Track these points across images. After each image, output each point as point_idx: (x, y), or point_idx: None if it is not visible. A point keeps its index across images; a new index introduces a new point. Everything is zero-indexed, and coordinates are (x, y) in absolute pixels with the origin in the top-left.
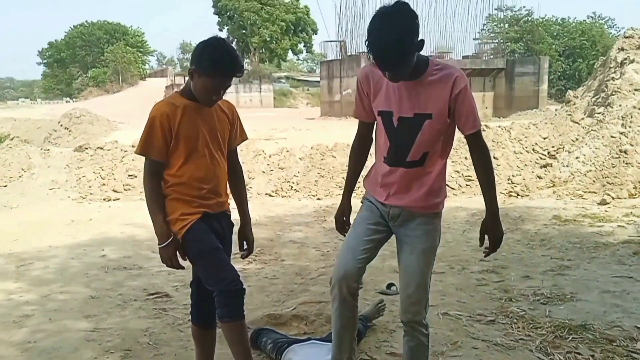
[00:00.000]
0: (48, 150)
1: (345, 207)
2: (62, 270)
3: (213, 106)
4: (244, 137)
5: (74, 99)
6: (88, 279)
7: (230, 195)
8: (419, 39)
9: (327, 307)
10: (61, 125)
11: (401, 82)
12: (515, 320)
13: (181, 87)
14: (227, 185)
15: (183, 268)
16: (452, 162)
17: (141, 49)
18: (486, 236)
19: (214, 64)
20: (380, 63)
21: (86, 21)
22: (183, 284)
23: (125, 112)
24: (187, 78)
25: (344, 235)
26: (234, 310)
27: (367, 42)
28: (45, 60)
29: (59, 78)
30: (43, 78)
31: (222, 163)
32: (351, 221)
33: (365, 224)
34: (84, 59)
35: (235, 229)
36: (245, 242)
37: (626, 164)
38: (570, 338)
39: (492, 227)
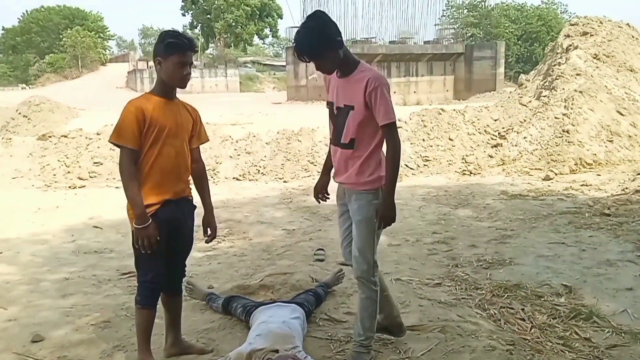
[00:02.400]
0: (10, 139)
1: (320, 181)
2: (34, 255)
3: (184, 87)
4: (204, 139)
5: (30, 86)
6: (60, 263)
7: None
8: (336, 40)
9: (291, 277)
10: (19, 113)
11: (338, 79)
12: (459, 283)
13: (143, 72)
14: (189, 175)
15: (156, 246)
16: (411, 144)
17: (101, 34)
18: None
19: (175, 41)
20: (298, 57)
21: (42, 6)
22: None
23: (86, 99)
24: (150, 63)
25: (318, 202)
26: (145, 300)
27: (293, 42)
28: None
29: (14, 64)
30: None
31: (185, 154)
32: (328, 192)
33: (339, 204)
34: (40, 45)
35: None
36: (209, 229)
37: (568, 142)
38: (505, 296)
39: (382, 208)
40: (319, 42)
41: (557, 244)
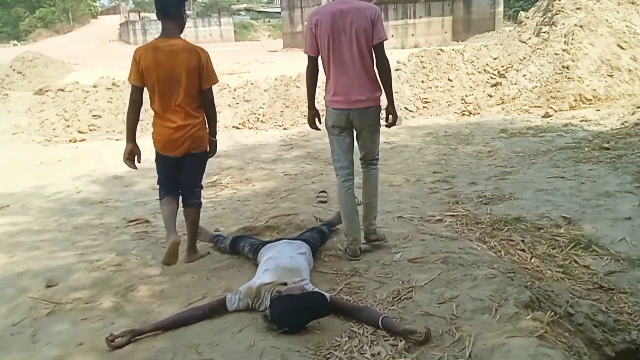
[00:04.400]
0: (7, 95)
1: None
2: (41, 207)
3: None
4: None
5: (22, 42)
6: (67, 213)
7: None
8: None
9: (296, 218)
10: (13, 70)
11: None
12: (460, 219)
13: (135, 23)
14: None
15: None
16: (410, 86)
17: None
18: None
19: None
20: None
21: None
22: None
23: (80, 53)
24: (142, 14)
25: None
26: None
27: None
28: None
29: (4, 20)
30: None
31: None
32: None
33: None
34: None
35: None
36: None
37: (568, 78)
38: (505, 229)
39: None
40: None
41: (556, 178)
